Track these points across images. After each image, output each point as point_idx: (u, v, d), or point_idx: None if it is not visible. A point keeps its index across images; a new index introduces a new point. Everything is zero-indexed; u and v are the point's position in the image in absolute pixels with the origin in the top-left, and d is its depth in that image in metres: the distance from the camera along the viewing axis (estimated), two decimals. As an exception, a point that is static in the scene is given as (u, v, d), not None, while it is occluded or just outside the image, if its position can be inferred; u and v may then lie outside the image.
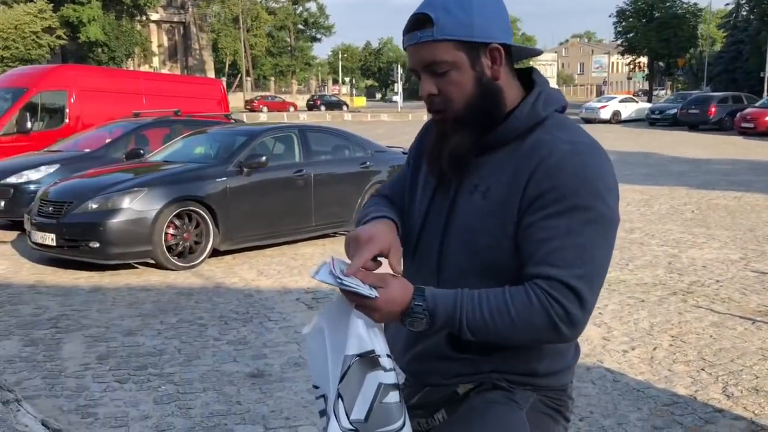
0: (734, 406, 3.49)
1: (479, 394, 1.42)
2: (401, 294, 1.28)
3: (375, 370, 1.26)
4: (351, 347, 1.26)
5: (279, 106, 48.83)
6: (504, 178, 1.35)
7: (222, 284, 6.09)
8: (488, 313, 1.27)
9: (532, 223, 1.30)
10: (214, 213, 6.75)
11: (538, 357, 1.41)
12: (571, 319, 1.26)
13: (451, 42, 1.32)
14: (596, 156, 1.32)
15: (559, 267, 1.26)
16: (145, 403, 3.63)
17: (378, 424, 1.27)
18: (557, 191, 1.28)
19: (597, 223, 1.28)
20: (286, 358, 4.27)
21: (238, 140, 7.60)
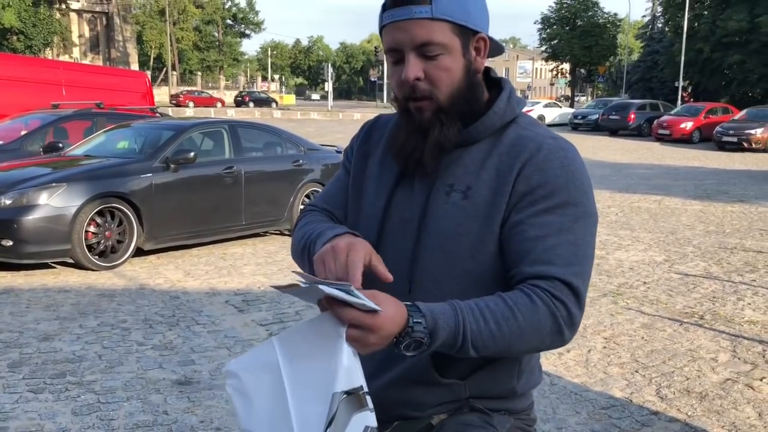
0: (668, 408, 3.53)
1: (453, 417, 1.32)
2: (398, 312, 1.08)
3: (362, 411, 1.05)
4: (340, 382, 1.04)
5: (206, 101, 47.78)
6: (485, 176, 1.26)
7: (146, 285, 5.81)
8: (494, 323, 1.14)
9: (523, 220, 1.22)
10: (138, 210, 6.43)
11: (518, 374, 1.34)
12: (573, 320, 1.19)
13: (448, 24, 1.24)
14: (576, 152, 1.29)
15: (558, 265, 1.19)
16: (63, 414, 3.37)
17: None
18: (547, 186, 1.23)
19: (585, 219, 1.24)
20: (216, 365, 4.07)
21: (164, 135, 7.29)
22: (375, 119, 1.52)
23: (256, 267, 6.55)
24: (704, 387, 3.80)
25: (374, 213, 1.36)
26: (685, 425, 3.35)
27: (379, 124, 1.49)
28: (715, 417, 3.44)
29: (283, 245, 7.60)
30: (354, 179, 1.45)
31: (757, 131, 22.32)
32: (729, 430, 3.31)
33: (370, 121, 1.52)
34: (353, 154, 1.48)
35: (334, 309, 1.07)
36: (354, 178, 1.45)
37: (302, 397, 1.08)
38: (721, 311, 5.23)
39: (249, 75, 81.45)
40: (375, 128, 1.48)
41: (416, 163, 1.30)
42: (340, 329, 1.06)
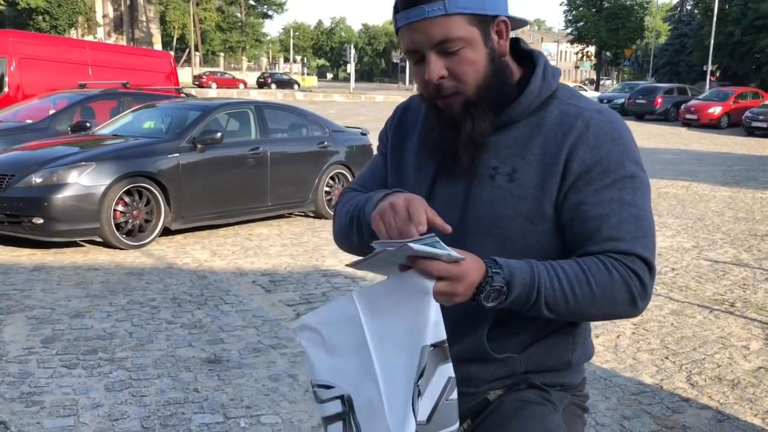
0: (699, 396, 3.49)
1: (511, 394, 1.32)
2: (477, 263, 1.11)
3: (446, 363, 1.09)
4: (430, 336, 1.07)
5: (228, 82, 47.88)
6: (531, 156, 1.24)
7: (174, 265, 5.86)
8: (567, 283, 1.15)
9: (583, 200, 1.21)
10: (166, 190, 6.47)
11: (572, 347, 1.35)
12: (647, 291, 1.19)
13: (465, 16, 1.19)
14: (622, 122, 1.27)
15: (627, 240, 1.19)
16: (96, 390, 3.42)
17: (438, 426, 1.11)
18: (603, 164, 1.21)
19: (642, 189, 1.23)
20: (244, 344, 4.10)
21: (191, 115, 7.30)
22: (408, 102, 1.48)
23: (282, 248, 6.57)
24: (736, 375, 3.76)
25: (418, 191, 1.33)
26: (717, 413, 3.32)
27: (412, 106, 1.46)
28: (748, 405, 3.40)
29: (308, 227, 7.62)
30: (393, 164, 1.44)
31: (788, 116, 21.92)
32: (762, 418, 3.27)
33: (403, 104, 1.49)
34: (389, 139, 1.46)
35: (421, 265, 1.07)
36: (392, 163, 1.44)
37: (386, 349, 1.11)
38: (752, 299, 5.15)
39: (271, 56, 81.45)
40: (409, 111, 1.46)
41: (452, 159, 1.29)
42: (427, 285, 1.08)
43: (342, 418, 1.16)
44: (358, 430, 1.15)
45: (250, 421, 3.15)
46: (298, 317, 4.57)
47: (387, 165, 1.46)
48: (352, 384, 1.15)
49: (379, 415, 1.11)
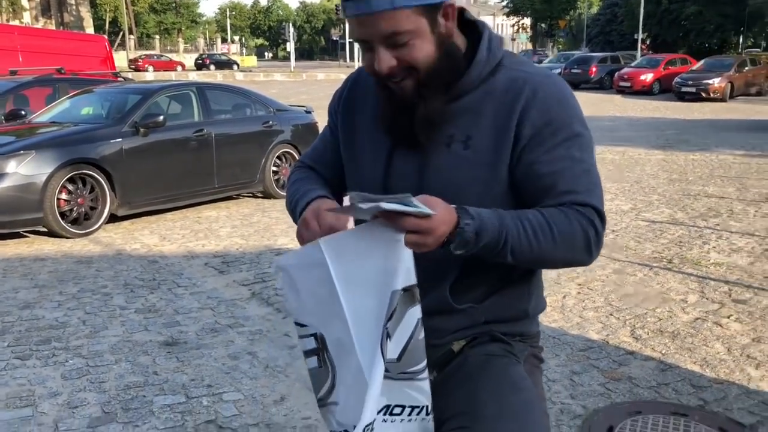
0: (643, 348, 3.68)
1: (475, 347, 1.39)
2: (448, 214, 1.17)
3: (415, 305, 1.18)
4: (400, 281, 1.15)
5: (165, 65, 46.71)
6: (484, 123, 1.31)
7: (123, 251, 5.78)
8: (531, 231, 1.22)
9: (536, 159, 1.28)
10: (110, 176, 6.36)
11: (528, 297, 1.43)
12: (600, 239, 1.27)
13: (412, 8, 1.21)
14: (567, 86, 1.35)
15: (583, 193, 1.26)
16: (53, 379, 3.39)
17: (408, 364, 1.20)
18: (552, 124, 1.28)
19: (589, 146, 1.32)
20: (201, 325, 4.11)
21: (131, 99, 7.17)
22: (357, 73, 1.50)
23: (232, 229, 6.55)
24: (676, 326, 3.97)
25: (374, 174, 1.39)
26: (660, 363, 3.51)
27: (362, 78, 1.48)
28: (687, 354, 3.60)
29: (257, 207, 7.60)
30: (345, 138, 1.46)
31: (715, 81, 22.70)
32: (701, 365, 3.47)
33: (352, 75, 1.52)
34: (339, 113, 1.49)
35: (392, 220, 1.14)
36: (345, 138, 1.46)
37: (354, 293, 1.19)
38: (688, 255, 5.41)
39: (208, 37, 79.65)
40: (358, 84, 1.48)
41: (409, 137, 1.33)
42: (398, 235, 1.15)
43: (316, 354, 1.25)
44: (332, 365, 1.24)
45: (212, 399, 3.19)
46: (253, 296, 4.61)
47: (337, 140, 1.49)
48: (322, 324, 1.23)
49: (350, 353, 1.20)
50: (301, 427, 2.93)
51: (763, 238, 5.90)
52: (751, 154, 10.96)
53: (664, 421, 2.93)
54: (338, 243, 1.21)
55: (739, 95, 23.68)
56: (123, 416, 3.02)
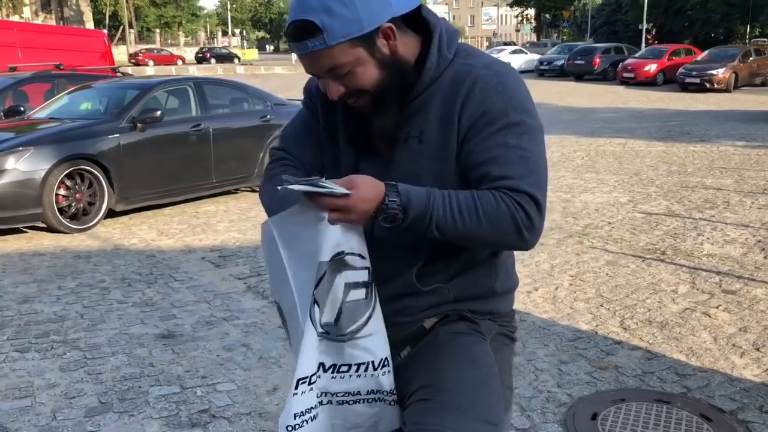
0: (631, 338, 3.74)
1: (445, 325, 1.46)
2: (373, 191, 1.26)
3: (344, 271, 1.29)
4: (325, 253, 1.27)
5: (166, 59, 46.73)
6: (432, 118, 1.37)
7: (121, 246, 5.85)
8: (458, 211, 1.28)
9: (472, 148, 1.33)
10: (108, 172, 6.42)
11: (495, 275, 1.48)
12: (533, 224, 1.30)
13: (346, 42, 1.28)
14: (511, 74, 1.38)
15: (516, 178, 1.30)
16: (51, 371, 3.46)
17: (348, 324, 1.31)
18: (488, 114, 1.33)
19: (530, 134, 1.34)
20: (197, 318, 4.18)
21: (129, 94, 7.22)
22: None
23: (230, 224, 6.61)
24: (665, 317, 4.02)
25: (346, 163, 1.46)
26: (647, 352, 3.56)
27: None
28: (674, 343, 3.66)
29: (255, 202, 7.65)
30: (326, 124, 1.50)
31: (719, 71, 22.64)
32: (687, 354, 3.53)
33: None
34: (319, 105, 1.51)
35: (314, 200, 1.26)
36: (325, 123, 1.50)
37: (298, 265, 1.34)
38: (682, 246, 5.45)
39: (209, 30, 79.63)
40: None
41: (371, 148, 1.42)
42: (322, 213, 1.27)
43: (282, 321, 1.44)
44: (288, 332, 1.43)
45: (206, 389, 3.25)
46: (249, 290, 4.67)
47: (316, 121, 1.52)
48: (279, 295, 1.40)
49: (297, 321, 1.34)
50: (291, 417, 2.99)
51: (757, 229, 5.94)
52: (751, 145, 10.97)
53: (647, 408, 2.99)
54: (282, 220, 1.35)
55: (743, 86, 23.62)
56: (119, 406, 3.09)
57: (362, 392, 1.38)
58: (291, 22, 1.29)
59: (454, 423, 1.23)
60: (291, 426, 1.31)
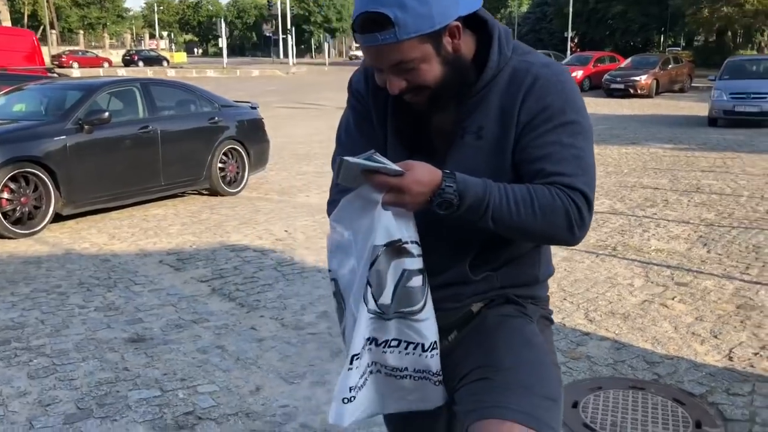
0: (598, 329, 3.89)
1: (492, 309, 1.50)
2: (429, 176, 1.27)
3: (401, 257, 1.31)
4: (379, 238, 1.29)
5: (91, 61, 45.32)
6: (492, 114, 1.40)
7: (72, 250, 5.66)
8: (514, 202, 1.30)
9: (528, 144, 1.37)
10: (54, 175, 6.19)
11: (538, 264, 1.54)
12: (584, 221, 1.34)
13: (416, 38, 1.29)
14: (568, 75, 1.42)
15: (570, 176, 1.33)
16: (19, 378, 3.33)
17: (401, 305, 1.34)
18: (546, 111, 1.36)
19: (582, 134, 1.38)
20: (165, 321, 4.10)
21: (71, 95, 6.99)
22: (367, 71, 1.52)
23: (183, 227, 6.49)
24: (626, 308, 4.20)
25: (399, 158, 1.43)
26: (615, 342, 3.71)
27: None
28: (639, 333, 3.83)
29: (204, 204, 7.54)
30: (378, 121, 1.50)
31: (642, 78, 23.61)
32: (652, 343, 3.70)
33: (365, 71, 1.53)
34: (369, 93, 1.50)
35: (368, 179, 1.27)
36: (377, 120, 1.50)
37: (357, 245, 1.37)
38: (630, 242, 5.69)
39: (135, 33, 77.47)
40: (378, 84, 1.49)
41: (425, 147, 1.43)
42: (377, 196, 1.29)
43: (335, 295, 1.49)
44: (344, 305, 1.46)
45: (187, 392, 3.20)
46: (214, 292, 4.61)
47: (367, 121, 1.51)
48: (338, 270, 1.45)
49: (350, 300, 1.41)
50: (280, 415, 2.99)
51: (697, 225, 6.25)
52: (679, 147, 11.51)
53: (624, 395, 3.12)
54: (342, 210, 1.38)
55: (663, 92, 24.72)
56: (99, 411, 3.01)
57: (409, 369, 1.43)
58: (362, 12, 1.28)
59: (519, 400, 1.27)
60: (346, 398, 1.37)
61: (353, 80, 1.55)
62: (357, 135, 1.53)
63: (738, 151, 10.90)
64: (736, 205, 7.01)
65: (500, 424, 1.23)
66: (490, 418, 1.25)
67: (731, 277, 4.77)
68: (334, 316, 4.08)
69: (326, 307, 4.27)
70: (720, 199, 7.32)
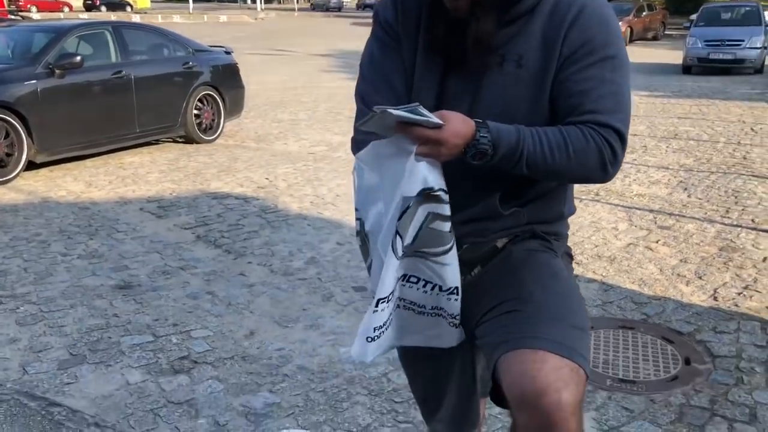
0: (585, 271, 3.93)
1: (517, 244, 1.49)
2: (464, 127, 1.25)
3: (429, 203, 1.28)
4: (411, 188, 1.26)
5: (51, 6, 43.60)
6: (534, 43, 1.36)
7: (49, 198, 5.53)
8: (548, 147, 1.29)
9: (567, 77, 1.34)
10: (26, 121, 6.01)
11: (564, 201, 1.54)
12: (617, 159, 1.34)
13: None
14: (610, 9, 1.40)
15: (605, 114, 1.32)
16: (7, 326, 3.28)
17: (422, 245, 1.32)
18: (589, 45, 1.34)
19: (622, 69, 1.36)
20: (151, 268, 4.05)
21: (38, 38, 6.76)
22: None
23: (161, 174, 6.37)
24: (611, 251, 4.25)
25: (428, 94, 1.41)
26: (602, 284, 3.77)
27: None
28: (626, 275, 3.88)
29: (181, 152, 7.40)
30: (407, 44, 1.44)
31: (616, 25, 23.52)
32: (639, 284, 3.76)
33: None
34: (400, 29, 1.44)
35: (404, 130, 1.24)
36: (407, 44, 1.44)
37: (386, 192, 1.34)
38: (612, 188, 5.74)
39: (96, -24, 74.56)
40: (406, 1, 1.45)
41: (459, 58, 1.37)
42: (411, 147, 1.26)
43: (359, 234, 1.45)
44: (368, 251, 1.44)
45: (181, 337, 3.18)
46: (199, 239, 4.55)
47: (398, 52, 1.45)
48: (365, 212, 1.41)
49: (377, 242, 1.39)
50: (276, 357, 2.99)
51: (676, 170, 6.32)
52: (654, 95, 11.55)
53: (615, 334, 3.18)
54: (382, 146, 1.33)
55: (637, 39, 24.67)
56: (92, 357, 2.98)
57: (427, 307, 1.42)
58: None
59: (550, 330, 1.27)
60: (370, 337, 1.37)
61: (379, 10, 1.49)
62: (381, 66, 1.47)
63: (713, 98, 10.98)
64: (714, 151, 7.10)
65: (533, 353, 1.23)
66: (521, 348, 1.25)
67: (712, 220, 4.85)
68: (322, 262, 4.09)
69: (314, 253, 4.26)
70: (697, 145, 7.40)
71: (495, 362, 1.29)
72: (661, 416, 2.54)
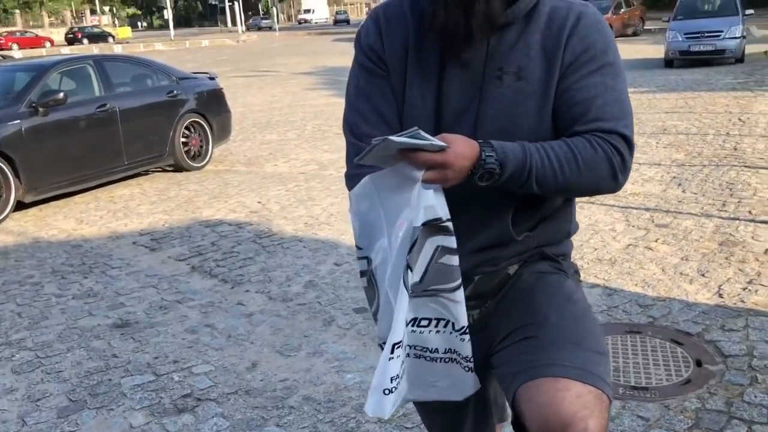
0: (587, 276, 3.89)
1: (527, 267, 1.45)
2: (468, 147, 1.21)
3: (437, 235, 1.23)
4: (420, 218, 1.20)
5: (32, 41, 43.68)
6: (533, 54, 1.32)
7: (40, 238, 5.46)
8: (556, 160, 1.25)
9: (570, 85, 1.31)
10: (12, 161, 5.94)
11: (569, 219, 1.50)
12: (626, 167, 1.30)
13: None
14: (600, 14, 1.37)
15: (611, 121, 1.29)
16: (2, 375, 3.20)
17: (432, 283, 1.26)
18: (590, 52, 1.31)
19: (621, 76, 1.34)
20: (148, 304, 3.98)
21: (20, 77, 6.70)
22: (382, 8, 1.43)
23: (152, 206, 6.31)
24: (611, 254, 4.21)
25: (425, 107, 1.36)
26: (605, 288, 3.72)
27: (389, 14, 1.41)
28: (628, 277, 3.84)
29: (171, 181, 7.34)
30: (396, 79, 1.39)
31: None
32: (642, 286, 3.71)
33: (379, 8, 1.44)
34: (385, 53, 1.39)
35: (408, 157, 1.18)
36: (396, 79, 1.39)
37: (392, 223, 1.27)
38: (606, 188, 5.70)
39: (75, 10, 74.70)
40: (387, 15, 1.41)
41: (463, 42, 1.30)
42: (417, 174, 1.20)
43: (366, 275, 1.36)
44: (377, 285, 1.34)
45: (182, 374, 3.12)
46: (194, 270, 4.49)
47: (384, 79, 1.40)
48: (371, 249, 1.34)
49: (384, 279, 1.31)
50: (281, 389, 2.93)
51: (669, 166, 6.30)
52: (639, 91, 11.56)
53: (622, 340, 3.13)
54: (383, 178, 1.27)
55: (617, 36, 24.72)
56: (93, 402, 2.91)
57: (440, 350, 1.34)
58: None
59: (569, 355, 1.23)
60: (387, 389, 1.27)
61: (361, 34, 1.44)
62: (368, 95, 1.41)
63: (697, 91, 11.01)
64: (704, 144, 7.09)
65: (554, 382, 1.18)
66: (542, 377, 1.20)
67: (709, 215, 4.82)
68: (321, 285, 4.03)
69: (312, 276, 4.20)
70: (687, 139, 7.39)
71: (514, 392, 1.24)
72: (677, 423, 2.49)
